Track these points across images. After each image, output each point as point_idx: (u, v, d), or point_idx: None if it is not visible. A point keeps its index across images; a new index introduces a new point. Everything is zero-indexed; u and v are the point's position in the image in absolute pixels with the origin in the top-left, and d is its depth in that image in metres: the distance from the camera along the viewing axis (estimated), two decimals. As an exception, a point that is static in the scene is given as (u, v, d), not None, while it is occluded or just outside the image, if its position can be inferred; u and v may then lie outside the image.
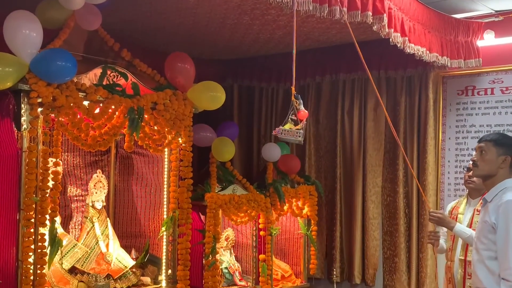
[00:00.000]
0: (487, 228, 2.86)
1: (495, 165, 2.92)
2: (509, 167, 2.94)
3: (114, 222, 4.52)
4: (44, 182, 3.33)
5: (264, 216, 4.94)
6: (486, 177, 2.97)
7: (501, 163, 2.92)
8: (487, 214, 2.89)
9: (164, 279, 4.22)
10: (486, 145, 2.96)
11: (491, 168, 2.93)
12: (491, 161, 2.93)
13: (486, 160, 2.94)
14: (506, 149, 2.92)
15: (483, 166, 2.95)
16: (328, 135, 5.81)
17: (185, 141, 4.20)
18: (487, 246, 2.85)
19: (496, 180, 2.93)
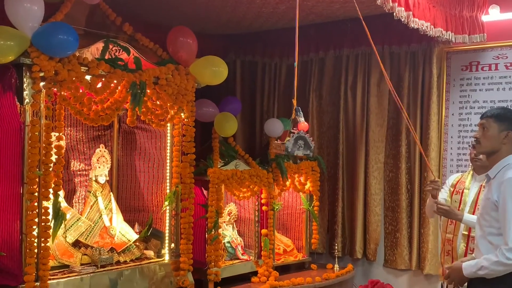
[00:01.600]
0: (490, 205, 2.88)
1: (498, 141, 2.91)
2: None
3: (118, 197, 4.55)
4: (47, 156, 3.35)
5: (267, 191, 4.96)
6: (490, 154, 2.97)
7: (503, 138, 2.90)
8: (490, 191, 2.90)
9: (167, 253, 4.26)
10: (488, 122, 2.94)
11: (494, 144, 2.92)
12: (493, 137, 2.91)
13: (488, 136, 2.93)
14: (508, 124, 2.91)
15: (486, 143, 2.94)
16: (331, 111, 5.80)
17: (188, 116, 4.20)
18: (490, 223, 2.88)
19: (500, 156, 2.92)
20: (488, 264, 2.79)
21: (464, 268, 2.90)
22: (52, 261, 3.65)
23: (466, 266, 2.91)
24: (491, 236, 2.87)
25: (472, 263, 2.90)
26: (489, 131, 2.93)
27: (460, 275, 2.92)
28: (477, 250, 2.99)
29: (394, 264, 5.37)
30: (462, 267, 2.92)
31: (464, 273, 2.90)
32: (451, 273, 3.02)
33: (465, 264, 2.93)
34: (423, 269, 5.17)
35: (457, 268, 2.97)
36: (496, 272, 2.79)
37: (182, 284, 4.16)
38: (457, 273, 2.95)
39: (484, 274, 2.81)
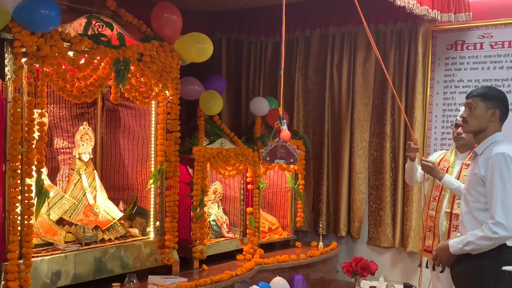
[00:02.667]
0: (477, 180, 2.90)
1: (485, 119, 2.93)
2: (499, 120, 2.96)
3: (102, 175, 4.52)
4: (30, 133, 3.30)
5: (252, 170, 4.97)
6: (477, 132, 2.98)
7: (490, 116, 2.92)
8: (477, 166, 2.92)
9: (152, 231, 4.26)
10: (474, 101, 2.95)
11: (481, 123, 2.93)
12: (480, 116, 2.93)
13: (475, 115, 2.94)
14: (494, 102, 2.92)
15: (473, 122, 2.95)
16: (317, 90, 5.80)
17: (173, 94, 4.17)
18: (476, 198, 2.90)
19: (487, 134, 2.94)
20: (474, 239, 2.81)
21: (451, 246, 2.92)
22: (36, 239, 3.64)
23: (452, 244, 2.93)
24: (477, 212, 2.89)
25: (458, 240, 2.93)
26: (476, 110, 2.93)
27: (447, 253, 2.94)
28: (461, 226, 3.02)
29: (378, 242, 5.43)
30: (448, 244, 2.94)
31: (451, 250, 2.92)
32: (438, 253, 3.03)
33: (452, 242, 2.95)
34: (406, 246, 5.23)
35: (444, 247, 2.99)
36: (482, 247, 2.81)
37: (167, 262, 4.17)
38: (444, 252, 2.97)
39: (471, 249, 2.83)
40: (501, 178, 2.78)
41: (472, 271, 2.87)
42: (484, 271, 2.83)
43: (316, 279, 4.95)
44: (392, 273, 5.32)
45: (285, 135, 4.24)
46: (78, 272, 3.62)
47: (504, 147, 2.86)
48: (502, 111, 2.95)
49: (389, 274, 5.25)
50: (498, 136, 2.94)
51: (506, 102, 2.99)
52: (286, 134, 4.23)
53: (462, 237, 2.92)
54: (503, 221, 2.74)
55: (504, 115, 2.97)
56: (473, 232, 2.84)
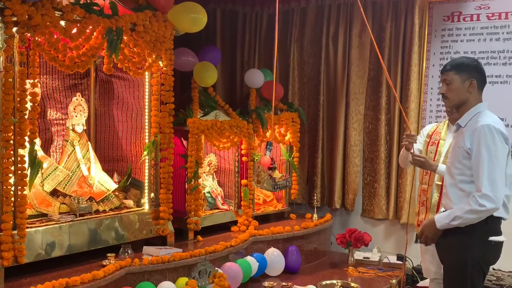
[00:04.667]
0: (462, 153, 2.86)
1: (463, 92, 2.88)
2: (478, 89, 2.91)
3: (96, 147, 4.50)
4: (22, 104, 3.27)
5: (247, 142, 4.96)
6: (459, 106, 2.94)
7: (467, 87, 2.87)
8: (462, 139, 2.88)
9: (146, 202, 4.26)
10: (449, 75, 2.90)
11: (460, 95, 2.89)
12: (458, 89, 2.88)
13: (453, 89, 2.89)
14: (468, 73, 2.87)
15: (452, 96, 2.91)
16: (312, 62, 5.76)
17: (166, 65, 4.13)
18: (461, 171, 2.87)
19: (468, 105, 2.90)
20: (461, 213, 2.79)
21: (437, 221, 2.90)
22: (30, 210, 3.64)
23: (438, 219, 2.90)
24: (463, 184, 2.86)
25: (444, 214, 2.90)
26: (452, 84, 2.89)
27: (433, 228, 2.92)
28: (446, 198, 2.98)
29: (372, 214, 5.46)
30: (434, 220, 2.92)
31: (437, 225, 2.89)
32: (424, 229, 3.00)
33: (437, 217, 2.92)
34: (400, 218, 5.26)
35: (429, 223, 2.97)
36: (469, 221, 2.79)
37: (162, 233, 4.19)
38: (430, 228, 2.95)
39: (458, 224, 2.82)
40: (487, 150, 2.76)
41: (459, 242, 2.86)
42: (471, 241, 2.83)
43: (310, 250, 4.99)
44: (385, 245, 5.36)
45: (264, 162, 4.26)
46: (73, 243, 3.63)
47: (488, 118, 2.83)
48: (479, 80, 2.90)
49: (382, 245, 5.30)
50: (481, 107, 2.90)
51: (481, 69, 2.93)
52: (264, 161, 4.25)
53: (448, 211, 2.89)
54: (489, 193, 2.72)
55: (481, 83, 2.92)
56: (460, 206, 2.83)
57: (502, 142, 2.78)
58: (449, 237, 2.90)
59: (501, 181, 2.77)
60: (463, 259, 2.84)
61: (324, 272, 4.71)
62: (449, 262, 2.93)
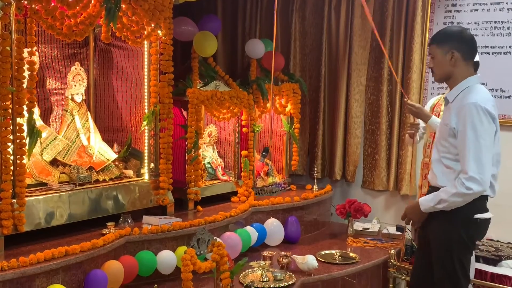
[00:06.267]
0: (448, 131, 2.79)
1: (446, 65, 2.78)
2: (464, 60, 2.79)
3: (95, 117, 4.49)
4: (20, 72, 3.25)
5: (247, 113, 4.94)
6: (446, 79, 2.86)
7: (450, 60, 2.77)
8: (449, 116, 2.80)
9: (146, 172, 4.27)
10: (432, 49, 2.82)
11: (444, 69, 2.80)
12: (441, 62, 2.79)
13: (437, 63, 2.81)
14: (449, 45, 2.77)
15: (437, 70, 2.83)
16: (314, 32, 5.70)
17: (165, 34, 4.08)
18: (448, 149, 2.82)
19: (456, 79, 2.80)
20: (447, 197, 2.74)
21: (422, 204, 2.85)
22: (30, 179, 3.64)
23: (423, 202, 2.86)
24: (448, 161, 2.81)
25: (429, 197, 2.85)
26: (436, 57, 2.81)
27: (418, 212, 2.87)
28: (431, 174, 2.93)
29: (372, 185, 5.46)
30: (419, 202, 2.87)
31: (422, 208, 2.85)
32: (408, 212, 2.95)
33: (422, 200, 2.87)
34: (400, 190, 5.27)
35: (413, 206, 2.93)
36: (455, 204, 2.75)
37: (162, 203, 4.20)
38: (414, 211, 2.90)
39: (443, 207, 2.78)
40: (473, 131, 2.67)
41: (444, 220, 2.83)
42: (457, 219, 2.80)
43: (310, 221, 5.01)
44: (385, 216, 5.38)
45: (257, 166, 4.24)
46: (73, 212, 3.64)
47: (476, 96, 2.72)
48: (463, 51, 2.77)
49: (382, 216, 5.33)
50: (471, 81, 2.79)
51: (466, 39, 2.79)
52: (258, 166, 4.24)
53: (433, 194, 2.84)
54: (476, 175, 2.65)
55: (467, 54, 2.78)
56: (445, 189, 2.77)
57: (489, 122, 2.69)
58: (434, 216, 2.86)
59: (488, 162, 2.70)
60: (449, 237, 2.81)
61: (323, 242, 4.74)
62: (436, 241, 2.90)
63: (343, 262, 4.19)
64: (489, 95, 2.82)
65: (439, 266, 2.89)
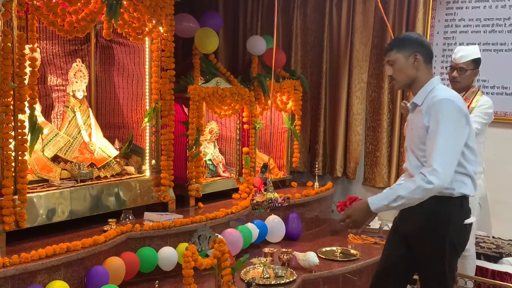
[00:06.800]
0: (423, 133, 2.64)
1: (409, 68, 2.68)
2: (425, 63, 2.71)
3: (97, 113, 4.49)
4: (21, 68, 3.25)
5: (248, 109, 4.93)
6: (410, 84, 2.74)
7: (413, 63, 2.68)
8: (420, 118, 2.66)
9: (148, 169, 4.27)
10: (391, 55, 2.72)
11: (407, 73, 2.70)
12: (404, 67, 2.69)
13: (398, 69, 2.70)
14: (410, 48, 2.69)
15: (400, 76, 2.72)
16: (315, 29, 5.69)
17: (167, 30, 4.08)
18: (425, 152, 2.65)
19: (420, 82, 2.70)
20: (405, 193, 2.54)
21: (372, 203, 2.60)
22: (31, 175, 3.65)
23: (374, 201, 2.61)
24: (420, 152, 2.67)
25: (381, 196, 2.63)
26: (397, 63, 2.70)
27: (365, 212, 2.62)
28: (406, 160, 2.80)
29: (373, 182, 5.46)
30: (368, 202, 2.61)
31: (372, 208, 2.59)
32: (351, 213, 2.68)
33: (372, 199, 2.62)
34: (401, 187, 5.25)
35: (360, 206, 2.67)
36: (413, 201, 2.56)
37: (163, 199, 4.21)
38: (360, 211, 2.64)
39: (399, 204, 2.56)
40: (444, 125, 2.54)
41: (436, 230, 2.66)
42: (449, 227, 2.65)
43: (311, 218, 5.01)
44: (386, 213, 5.32)
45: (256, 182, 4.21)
46: (74, 208, 3.65)
47: (444, 93, 2.64)
48: (424, 53, 2.70)
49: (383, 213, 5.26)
50: (434, 82, 2.71)
51: (424, 43, 2.75)
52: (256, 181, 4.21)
53: (386, 191, 2.66)
54: (439, 168, 2.49)
55: (427, 57, 2.72)
56: (405, 185, 2.59)
57: (460, 117, 2.58)
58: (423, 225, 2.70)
59: (454, 159, 2.56)
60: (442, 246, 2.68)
61: (324, 239, 4.74)
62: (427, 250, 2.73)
63: (344, 259, 4.20)
64: (456, 93, 2.73)
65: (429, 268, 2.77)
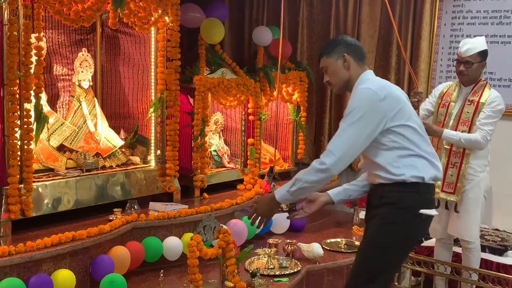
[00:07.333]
0: None
1: (341, 70, 2.65)
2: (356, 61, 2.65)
3: (102, 103, 4.49)
4: (27, 57, 3.25)
5: (253, 100, 4.93)
6: (345, 86, 2.69)
7: (343, 64, 2.65)
8: None
9: (153, 159, 4.28)
10: (322, 62, 2.71)
11: (341, 75, 2.66)
12: (336, 70, 2.66)
13: (332, 73, 2.68)
14: (337, 50, 2.65)
15: (334, 80, 2.68)
16: (322, 20, 5.66)
17: (172, 20, 4.07)
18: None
19: (353, 81, 2.66)
20: (301, 175, 2.49)
21: (277, 192, 2.57)
22: (37, 164, 3.66)
23: (277, 191, 2.57)
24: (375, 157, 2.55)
25: (284, 185, 2.57)
26: (329, 68, 2.67)
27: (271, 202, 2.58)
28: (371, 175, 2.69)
29: (379, 175, 5.43)
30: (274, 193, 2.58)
31: (277, 197, 2.55)
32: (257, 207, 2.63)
33: (277, 190, 2.59)
34: (407, 179, 5.24)
35: (266, 197, 2.65)
36: (309, 183, 2.48)
37: (168, 190, 4.21)
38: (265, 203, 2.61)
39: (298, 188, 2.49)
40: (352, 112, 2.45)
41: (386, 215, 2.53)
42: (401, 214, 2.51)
43: (316, 209, 5.00)
44: None
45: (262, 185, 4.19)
46: (80, 197, 3.66)
47: (367, 84, 2.56)
48: (352, 52, 2.64)
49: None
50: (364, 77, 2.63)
51: (350, 42, 2.69)
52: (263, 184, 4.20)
53: None
54: (334, 150, 2.43)
55: (357, 55, 2.65)
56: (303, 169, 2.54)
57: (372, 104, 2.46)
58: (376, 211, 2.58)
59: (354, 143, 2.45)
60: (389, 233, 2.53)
61: (328, 231, 4.74)
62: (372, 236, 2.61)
63: (349, 250, 4.20)
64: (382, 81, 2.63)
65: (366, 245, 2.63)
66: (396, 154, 2.50)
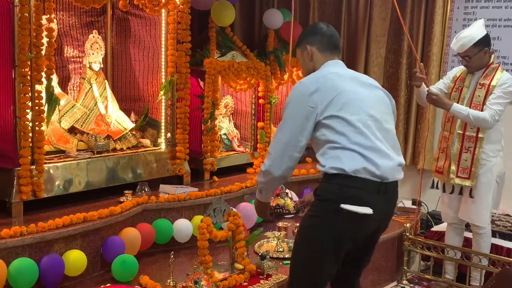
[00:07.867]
0: None
1: (307, 62, 2.62)
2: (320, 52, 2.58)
3: (113, 86, 4.49)
4: (38, 39, 3.25)
5: (264, 84, 4.91)
6: None
7: (307, 55, 2.61)
8: None
9: (163, 142, 4.28)
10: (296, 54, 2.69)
11: (306, 66, 2.63)
12: (303, 62, 2.64)
13: (301, 64, 2.68)
14: (302, 42, 2.62)
15: (303, 71, 2.69)
16: (333, 2, 5.62)
17: (183, 2, 4.05)
18: None
19: None
20: (257, 177, 2.56)
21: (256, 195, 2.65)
22: (48, 146, 3.67)
23: None
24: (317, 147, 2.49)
25: None
26: (300, 60, 2.68)
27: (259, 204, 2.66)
28: None
29: (389, 159, 5.41)
30: None
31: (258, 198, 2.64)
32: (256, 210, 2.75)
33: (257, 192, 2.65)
34: (417, 164, 5.23)
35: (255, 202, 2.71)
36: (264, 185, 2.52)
37: (178, 173, 4.22)
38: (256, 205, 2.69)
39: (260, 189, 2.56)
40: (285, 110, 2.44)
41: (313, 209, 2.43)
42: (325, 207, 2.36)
43: (326, 193, 5.00)
44: (401, 190, 5.21)
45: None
46: (91, 179, 3.68)
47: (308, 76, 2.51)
48: (317, 42, 2.58)
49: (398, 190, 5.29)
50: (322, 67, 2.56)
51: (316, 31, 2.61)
52: None
53: None
54: (271, 151, 2.44)
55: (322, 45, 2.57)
56: None
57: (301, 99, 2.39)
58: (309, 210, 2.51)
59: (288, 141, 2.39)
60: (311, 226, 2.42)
61: (338, 214, 4.73)
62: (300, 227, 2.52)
63: (358, 234, 4.19)
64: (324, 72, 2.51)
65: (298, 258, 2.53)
66: (326, 146, 2.38)
